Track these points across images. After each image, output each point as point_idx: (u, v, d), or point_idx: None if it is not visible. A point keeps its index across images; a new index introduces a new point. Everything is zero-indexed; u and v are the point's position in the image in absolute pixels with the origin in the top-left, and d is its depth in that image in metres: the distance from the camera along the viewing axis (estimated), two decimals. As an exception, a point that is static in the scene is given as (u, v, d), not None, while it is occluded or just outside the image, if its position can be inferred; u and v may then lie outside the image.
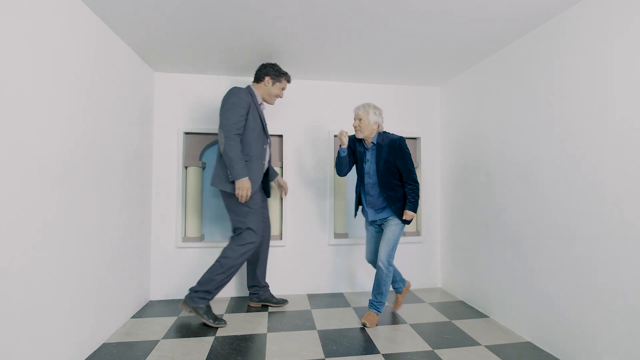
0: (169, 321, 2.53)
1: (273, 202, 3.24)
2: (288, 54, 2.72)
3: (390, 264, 2.51)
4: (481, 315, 2.71)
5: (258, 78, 2.62)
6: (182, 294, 3.03)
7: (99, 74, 2.11)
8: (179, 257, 3.07)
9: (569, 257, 1.98)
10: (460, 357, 2.02)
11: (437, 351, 2.10)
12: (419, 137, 3.50)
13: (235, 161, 2.33)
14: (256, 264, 2.80)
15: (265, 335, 2.31)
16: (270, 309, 2.79)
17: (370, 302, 2.57)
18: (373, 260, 2.69)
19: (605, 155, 1.78)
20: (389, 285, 2.54)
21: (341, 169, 2.62)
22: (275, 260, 3.19)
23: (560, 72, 2.07)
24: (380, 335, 2.31)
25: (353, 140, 2.64)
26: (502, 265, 2.56)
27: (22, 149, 1.48)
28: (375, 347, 2.15)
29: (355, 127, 2.52)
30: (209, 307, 2.42)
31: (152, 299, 3.01)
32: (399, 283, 2.75)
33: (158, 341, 2.21)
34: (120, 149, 2.39)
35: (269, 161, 2.76)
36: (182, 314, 2.67)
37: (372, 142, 2.54)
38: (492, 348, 2.15)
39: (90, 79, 2.02)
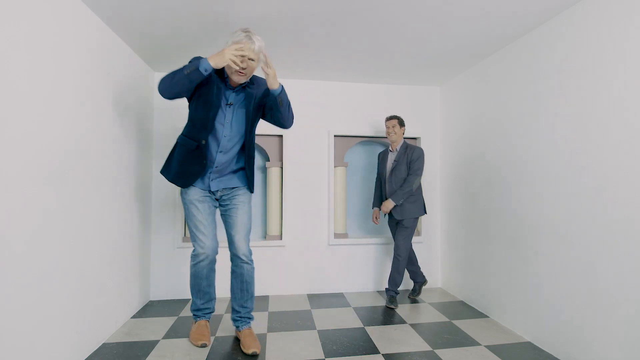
0: (169, 321, 2.53)
1: (273, 202, 3.24)
2: (288, 54, 2.72)
3: (251, 253, 2.08)
4: (481, 315, 2.71)
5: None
6: (182, 294, 3.03)
7: (98, 73, 2.11)
8: (179, 257, 3.07)
9: (569, 257, 1.98)
10: (460, 357, 2.02)
11: (437, 351, 2.09)
12: (419, 137, 3.50)
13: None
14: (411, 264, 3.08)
15: (265, 335, 2.31)
16: (270, 309, 2.79)
17: (239, 316, 2.13)
18: (216, 248, 2.10)
19: (605, 155, 1.78)
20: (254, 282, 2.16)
21: (177, 88, 1.82)
22: (275, 260, 3.19)
23: (559, 72, 2.07)
24: (380, 335, 2.31)
25: (213, 74, 1.92)
26: (502, 265, 2.56)
27: (21, 149, 1.48)
28: (375, 347, 2.15)
29: (240, 71, 1.86)
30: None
31: (152, 299, 3.01)
32: (244, 320, 2.18)
33: (158, 341, 2.21)
34: (120, 149, 2.39)
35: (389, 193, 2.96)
36: (182, 314, 2.67)
37: (244, 84, 1.98)
38: (492, 348, 2.15)
39: (90, 78, 2.02)
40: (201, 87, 1.93)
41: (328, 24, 2.24)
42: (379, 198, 3.05)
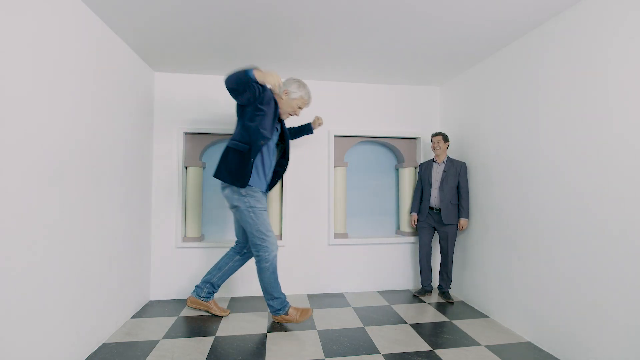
0: (169, 321, 2.53)
1: (273, 202, 3.24)
2: (288, 54, 2.72)
3: None
4: (481, 315, 2.71)
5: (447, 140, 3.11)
6: (182, 294, 3.03)
7: (99, 74, 2.11)
8: (179, 257, 3.07)
9: (569, 257, 1.98)
10: (460, 357, 2.02)
11: (437, 351, 2.10)
12: (419, 137, 3.50)
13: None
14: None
15: (265, 335, 2.31)
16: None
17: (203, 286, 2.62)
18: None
19: (604, 154, 1.78)
20: None
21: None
22: (275, 260, 3.19)
23: (559, 72, 2.07)
24: (380, 335, 2.31)
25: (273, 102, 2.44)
26: (501, 265, 2.56)
27: (22, 149, 1.48)
28: (375, 347, 2.15)
29: (297, 113, 2.58)
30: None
31: (152, 299, 3.01)
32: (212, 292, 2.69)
33: (158, 341, 2.21)
34: (120, 149, 2.39)
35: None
36: (182, 314, 2.67)
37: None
38: (492, 348, 2.15)
39: (91, 79, 2.02)
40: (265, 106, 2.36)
41: (328, 26, 2.24)
42: (419, 204, 3.20)
